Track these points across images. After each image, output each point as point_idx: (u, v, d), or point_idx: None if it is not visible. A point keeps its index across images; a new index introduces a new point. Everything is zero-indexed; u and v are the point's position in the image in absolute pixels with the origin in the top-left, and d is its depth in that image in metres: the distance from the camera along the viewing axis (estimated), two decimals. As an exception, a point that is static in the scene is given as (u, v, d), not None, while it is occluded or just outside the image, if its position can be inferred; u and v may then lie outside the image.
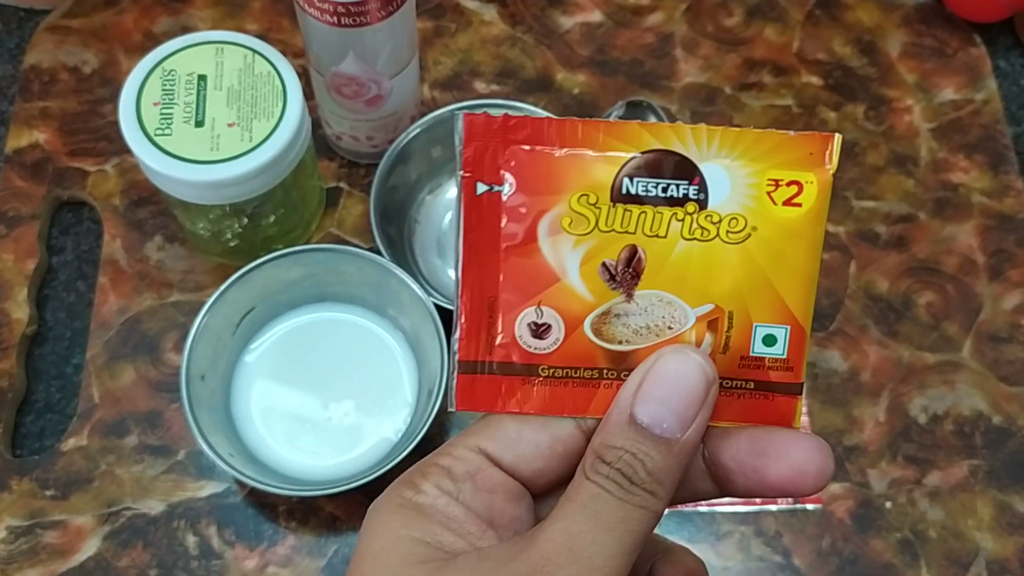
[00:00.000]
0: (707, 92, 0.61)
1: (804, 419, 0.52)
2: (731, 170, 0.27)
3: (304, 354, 0.51)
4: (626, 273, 0.27)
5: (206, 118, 0.46)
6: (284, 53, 0.48)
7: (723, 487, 0.28)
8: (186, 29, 0.61)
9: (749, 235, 0.27)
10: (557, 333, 0.27)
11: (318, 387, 0.50)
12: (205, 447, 0.45)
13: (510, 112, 0.55)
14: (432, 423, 0.46)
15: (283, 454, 0.49)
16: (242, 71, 0.47)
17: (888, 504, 0.51)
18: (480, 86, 0.61)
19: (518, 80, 0.61)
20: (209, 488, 0.50)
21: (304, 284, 0.51)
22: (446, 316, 0.47)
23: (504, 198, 0.27)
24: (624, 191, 0.27)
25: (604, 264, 0.27)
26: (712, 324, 0.27)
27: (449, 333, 0.47)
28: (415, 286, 0.48)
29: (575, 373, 0.27)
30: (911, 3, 0.65)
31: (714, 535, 0.50)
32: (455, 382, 0.28)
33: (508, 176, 0.27)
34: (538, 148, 0.27)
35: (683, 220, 0.27)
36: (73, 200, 0.57)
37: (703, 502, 0.50)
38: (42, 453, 0.51)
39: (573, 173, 0.27)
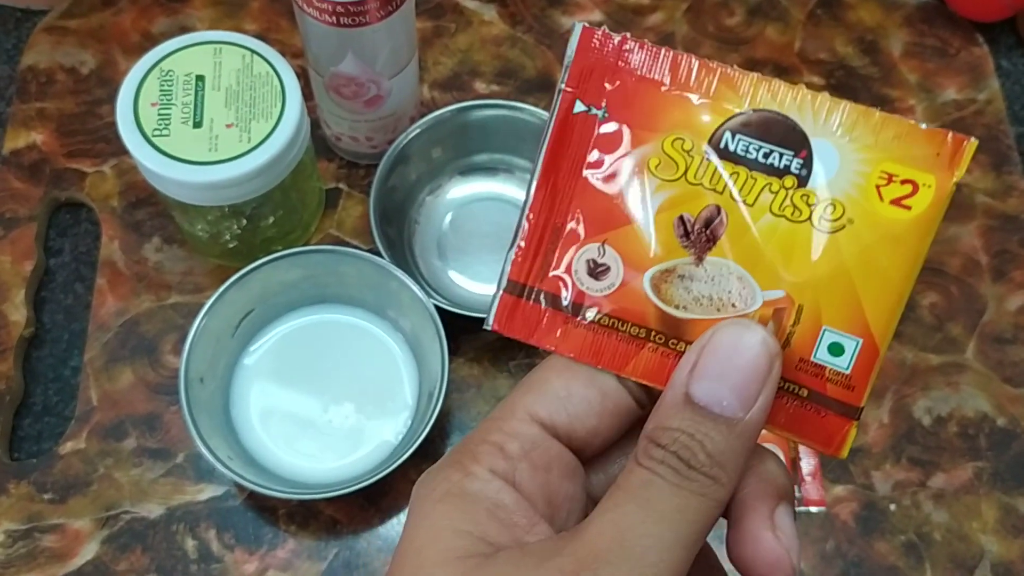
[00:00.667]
0: (708, 92, 0.61)
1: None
2: (844, 151, 0.24)
3: (303, 356, 0.51)
4: (702, 234, 0.25)
5: (204, 119, 0.45)
6: (283, 53, 0.48)
7: None
8: (184, 29, 0.60)
9: (844, 227, 0.24)
10: (614, 277, 0.26)
11: (318, 389, 0.50)
12: (204, 450, 0.44)
13: (515, 111, 0.55)
14: (433, 426, 0.45)
15: (283, 457, 0.49)
16: (240, 71, 0.46)
17: (892, 506, 0.50)
18: (480, 86, 0.60)
19: (518, 80, 0.61)
20: (208, 491, 0.49)
21: (303, 286, 0.50)
22: (446, 318, 0.47)
23: (598, 123, 0.25)
24: (723, 145, 0.25)
25: (682, 218, 0.25)
26: (778, 313, 0.25)
27: (450, 334, 0.47)
28: (415, 288, 0.47)
29: (622, 326, 0.26)
30: (913, 2, 0.64)
31: (717, 538, 0.49)
32: (498, 299, 0.26)
33: (608, 101, 0.25)
34: (648, 78, 0.25)
35: (776, 192, 0.25)
36: (71, 201, 0.57)
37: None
38: (40, 456, 0.50)
39: (675, 113, 0.25)
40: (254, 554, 0.48)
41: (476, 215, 0.56)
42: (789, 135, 0.25)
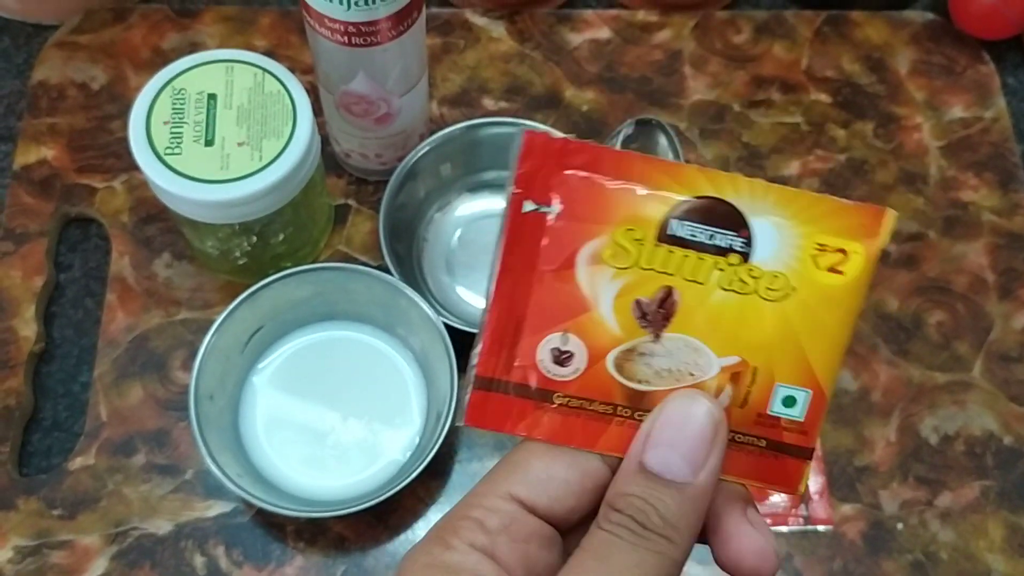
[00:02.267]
0: (716, 109, 0.61)
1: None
2: (781, 228, 0.27)
3: (312, 373, 0.51)
4: (658, 314, 0.27)
5: (216, 137, 0.45)
6: (292, 69, 0.48)
7: None
8: (194, 45, 0.61)
9: (787, 295, 0.27)
10: (579, 363, 0.27)
11: (327, 406, 0.50)
12: (214, 468, 0.44)
13: (521, 127, 0.55)
14: (442, 443, 0.45)
15: (291, 474, 0.49)
16: (252, 90, 0.47)
17: (899, 525, 0.50)
18: (489, 103, 0.60)
19: (527, 97, 0.61)
20: (217, 508, 0.50)
21: (313, 303, 0.50)
22: (456, 336, 0.47)
23: (550, 220, 0.27)
24: (671, 232, 0.27)
25: (638, 301, 0.27)
26: (735, 377, 0.27)
27: (459, 353, 0.47)
28: (425, 305, 0.47)
29: (589, 405, 0.27)
30: (920, 20, 0.64)
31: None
32: (468, 396, 0.27)
33: (557, 199, 0.27)
34: (593, 176, 0.27)
35: (724, 270, 0.27)
36: (81, 217, 0.57)
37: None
38: (49, 472, 0.50)
39: (623, 206, 0.27)
40: (262, 571, 0.48)
41: (485, 232, 0.56)
42: (729, 217, 0.27)
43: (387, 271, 0.49)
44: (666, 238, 0.27)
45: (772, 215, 0.27)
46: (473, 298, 0.54)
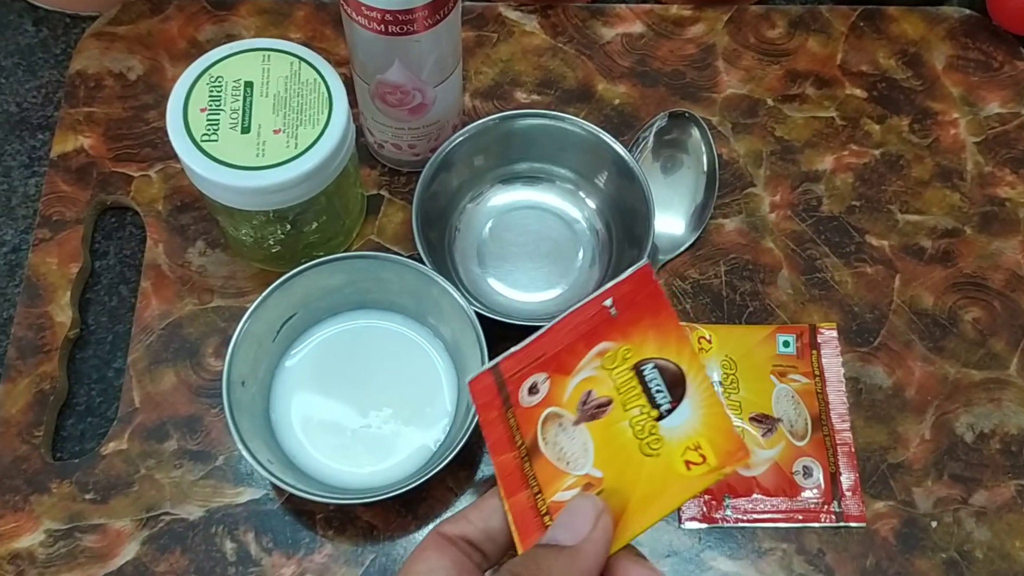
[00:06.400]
0: (749, 104, 0.61)
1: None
2: (691, 415, 0.34)
3: (344, 361, 0.51)
4: (591, 409, 0.36)
5: (252, 124, 0.46)
6: (327, 61, 0.48)
7: None
8: (230, 37, 0.61)
9: (653, 459, 0.34)
10: (537, 400, 0.37)
11: (357, 394, 0.50)
12: (246, 454, 0.45)
13: (557, 121, 0.56)
14: (471, 433, 0.45)
15: (321, 461, 0.49)
16: (288, 78, 0.47)
17: (934, 523, 0.50)
18: (521, 96, 0.60)
19: (559, 90, 0.61)
20: (247, 494, 0.50)
21: (345, 291, 0.51)
22: (487, 325, 0.47)
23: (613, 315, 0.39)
24: (642, 370, 0.36)
25: (588, 392, 0.37)
26: (587, 486, 0.35)
27: (490, 342, 0.47)
28: (456, 295, 0.47)
29: (516, 433, 0.37)
30: (956, 16, 0.64)
31: (755, 552, 0.49)
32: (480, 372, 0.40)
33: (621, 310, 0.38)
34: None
35: (641, 414, 0.35)
36: (117, 205, 0.58)
37: (744, 519, 0.49)
38: (82, 456, 0.51)
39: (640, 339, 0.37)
40: (291, 558, 0.49)
41: (516, 223, 0.56)
42: (678, 382, 0.34)
43: (419, 260, 0.49)
44: (637, 372, 0.35)
45: (696, 403, 0.33)
46: (504, 288, 0.54)
